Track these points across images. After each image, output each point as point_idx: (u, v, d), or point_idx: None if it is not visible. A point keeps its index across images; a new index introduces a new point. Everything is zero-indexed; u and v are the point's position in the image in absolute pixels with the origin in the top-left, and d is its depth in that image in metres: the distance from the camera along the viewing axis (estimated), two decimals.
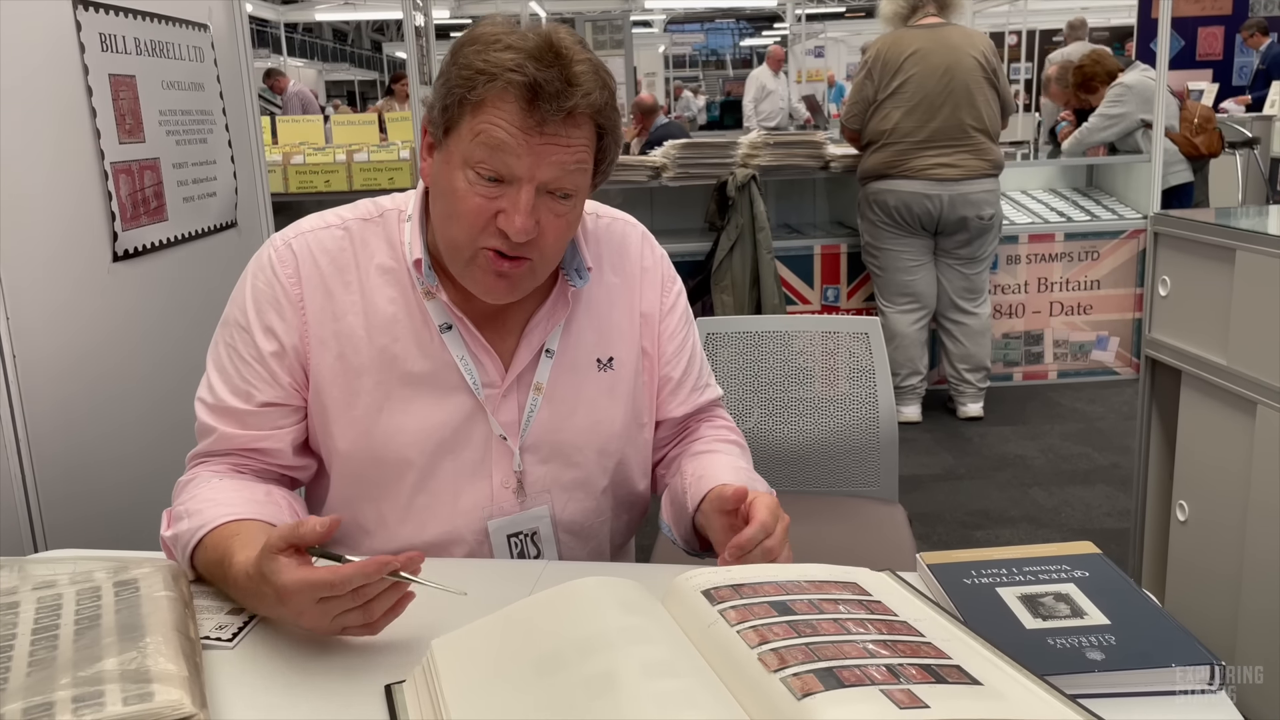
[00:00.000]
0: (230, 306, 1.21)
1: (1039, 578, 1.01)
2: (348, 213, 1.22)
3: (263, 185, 2.33)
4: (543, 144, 1.05)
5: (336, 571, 0.90)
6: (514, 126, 1.04)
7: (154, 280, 1.80)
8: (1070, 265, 4.41)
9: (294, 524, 0.93)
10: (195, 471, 1.19)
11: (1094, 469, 3.55)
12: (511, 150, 1.05)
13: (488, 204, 1.07)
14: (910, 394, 4.03)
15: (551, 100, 1.03)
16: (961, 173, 3.76)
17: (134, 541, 1.24)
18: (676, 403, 1.32)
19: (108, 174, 1.65)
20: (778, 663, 0.78)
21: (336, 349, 1.17)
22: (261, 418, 1.18)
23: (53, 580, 1.01)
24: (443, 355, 1.18)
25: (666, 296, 1.30)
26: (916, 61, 3.75)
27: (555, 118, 1.04)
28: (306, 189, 4.56)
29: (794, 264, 4.33)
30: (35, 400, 1.44)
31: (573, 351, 1.23)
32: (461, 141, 1.07)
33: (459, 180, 1.08)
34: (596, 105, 1.07)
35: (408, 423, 1.18)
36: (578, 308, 1.23)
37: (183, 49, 1.95)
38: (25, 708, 0.78)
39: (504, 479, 1.21)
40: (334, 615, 0.91)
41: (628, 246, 1.30)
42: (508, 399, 1.20)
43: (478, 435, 1.20)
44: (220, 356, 1.19)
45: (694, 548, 1.25)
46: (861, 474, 1.95)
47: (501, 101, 1.05)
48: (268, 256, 1.19)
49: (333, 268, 1.18)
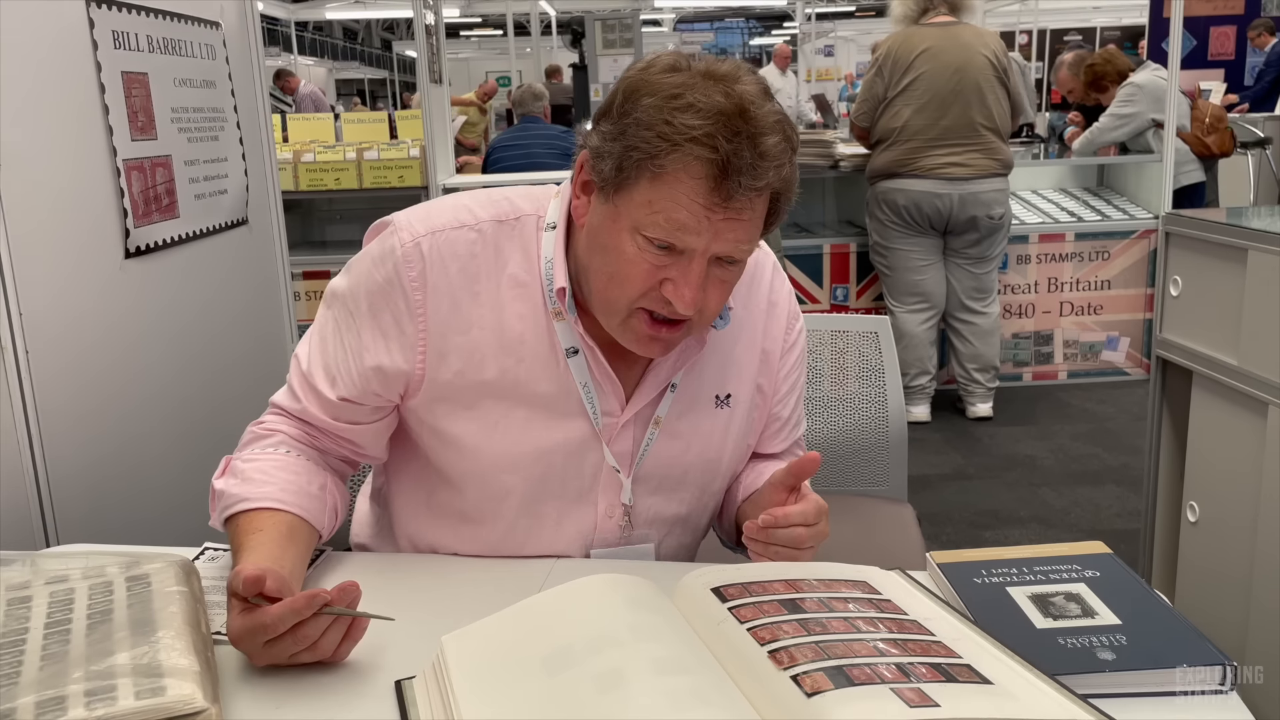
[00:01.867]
0: (345, 280, 1.14)
1: (1049, 577, 1.00)
2: (483, 213, 1.13)
3: (273, 183, 2.33)
4: (724, 220, 0.99)
5: (267, 613, 0.88)
6: (697, 204, 0.98)
7: (165, 277, 1.81)
8: (1081, 265, 4.40)
9: (235, 570, 0.92)
10: (274, 426, 1.16)
11: (1104, 469, 3.54)
12: (691, 229, 0.99)
13: (655, 271, 1.02)
14: (919, 394, 4.02)
15: (739, 177, 0.96)
16: (971, 171, 3.75)
17: (145, 536, 1.25)
18: (778, 441, 1.29)
19: (120, 171, 1.66)
20: (787, 661, 0.78)
21: (458, 365, 1.11)
22: (341, 410, 1.14)
23: (65, 575, 1.02)
24: (566, 380, 1.13)
25: (790, 334, 1.24)
26: (928, 59, 3.74)
27: (743, 196, 0.98)
28: (317, 187, 4.57)
29: (803, 263, 4.33)
30: (47, 396, 1.45)
31: (694, 387, 1.18)
32: (634, 207, 1.00)
33: (627, 244, 1.02)
34: (786, 178, 1.01)
35: (522, 445, 1.14)
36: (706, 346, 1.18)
37: (195, 47, 1.96)
38: (38, 701, 0.78)
39: (608, 509, 1.17)
40: (285, 655, 0.90)
41: (759, 277, 1.22)
42: (624, 430, 1.16)
43: (589, 463, 1.16)
44: (325, 329, 1.15)
45: (732, 539, 1.25)
46: (871, 473, 1.95)
47: (687, 176, 0.97)
48: (394, 250, 1.10)
49: (463, 277, 1.11)
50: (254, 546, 1.02)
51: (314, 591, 0.89)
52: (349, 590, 0.91)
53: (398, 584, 1.12)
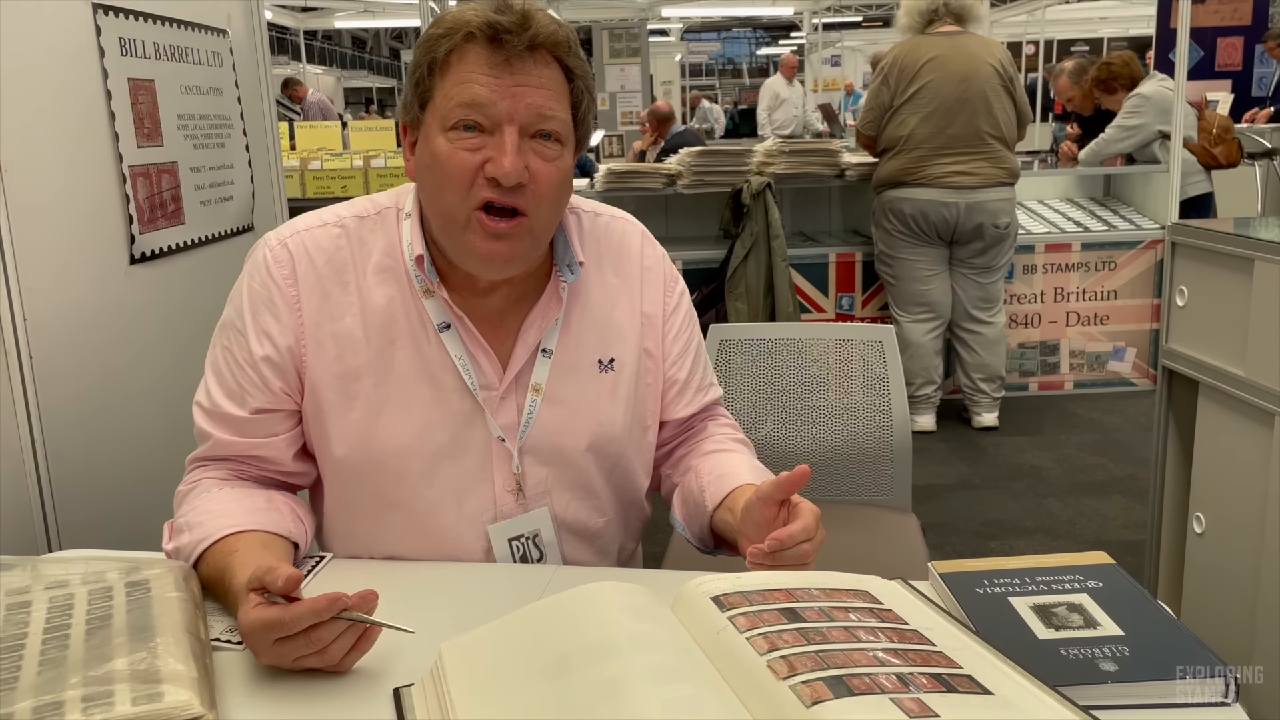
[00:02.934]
0: (228, 309, 1.19)
1: (1052, 588, 1.00)
2: (344, 210, 1.20)
3: (279, 189, 2.34)
4: (514, 85, 1.06)
5: (288, 610, 0.88)
6: (483, 72, 1.06)
7: (170, 283, 1.81)
8: (1087, 275, 4.39)
9: (268, 567, 0.91)
10: (196, 479, 1.18)
11: (1110, 480, 3.53)
12: (485, 98, 1.06)
13: (473, 156, 1.07)
14: (925, 403, 4.02)
15: (512, 34, 1.05)
16: (978, 180, 3.74)
17: (147, 542, 1.25)
18: (683, 403, 1.30)
19: (126, 177, 1.67)
20: (787, 670, 0.77)
21: (334, 351, 1.15)
22: (256, 425, 1.16)
23: (65, 580, 1.02)
24: (440, 356, 1.16)
25: (670, 297, 1.29)
26: (934, 68, 3.74)
27: (519, 50, 1.06)
28: (324, 194, 4.58)
29: (809, 272, 4.32)
30: (51, 400, 1.45)
31: (573, 352, 1.21)
32: (436, 108, 1.09)
33: (441, 145, 1.08)
34: (557, 39, 1.09)
35: (407, 426, 1.16)
36: (576, 308, 1.22)
37: (201, 54, 1.97)
38: (35, 706, 0.78)
39: (505, 482, 1.19)
40: (292, 657, 0.90)
41: (627, 246, 1.28)
42: (506, 401, 1.18)
43: (477, 438, 1.18)
44: (217, 360, 1.18)
45: (709, 545, 1.24)
46: (875, 482, 1.94)
47: (467, 52, 1.07)
48: (263, 256, 1.17)
49: (330, 268, 1.16)
50: (242, 563, 1.01)
51: (336, 594, 0.89)
52: (368, 599, 0.91)
53: (395, 591, 1.11)
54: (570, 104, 1.12)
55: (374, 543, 1.21)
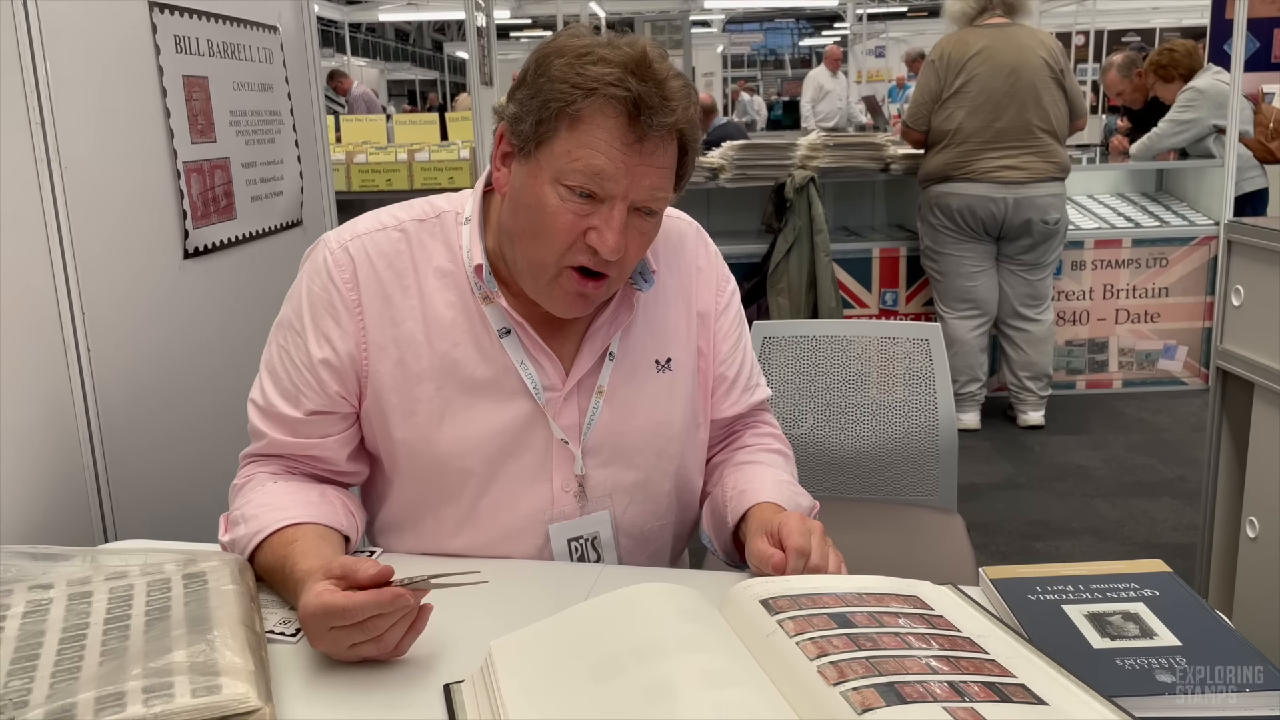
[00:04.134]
0: (285, 308, 1.20)
1: (1107, 596, 0.98)
2: (403, 214, 1.20)
3: (327, 184, 2.37)
4: (639, 164, 1.05)
5: (352, 598, 0.89)
6: (614, 145, 1.04)
7: (222, 277, 1.84)
8: (1138, 272, 4.31)
9: (356, 560, 0.93)
10: (250, 473, 1.20)
11: (1159, 481, 3.47)
12: (609, 171, 1.05)
13: (579, 221, 1.07)
14: (969, 401, 3.97)
15: (650, 115, 1.03)
16: (1027, 175, 3.68)
17: (200, 533, 1.27)
18: (729, 403, 1.31)
19: (180, 173, 1.69)
20: (837, 676, 0.77)
21: (396, 355, 1.16)
22: (310, 426, 1.17)
23: (124, 571, 1.04)
24: (502, 360, 1.17)
25: (721, 295, 1.30)
26: (982, 60, 3.68)
27: (655, 135, 1.05)
28: (369, 188, 4.63)
29: (852, 267, 4.29)
30: (108, 394, 1.48)
31: (632, 354, 1.22)
32: (554, 158, 1.06)
33: (549, 197, 1.07)
34: (690, 120, 1.08)
35: (469, 429, 1.17)
36: (637, 309, 1.23)
37: (253, 50, 1.99)
38: (98, 696, 0.80)
39: (564, 483, 1.20)
40: (347, 644, 0.91)
41: (684, 245, 1.29)
42: (568, 403, 1.19)
43: (538, 440, 1.19)
44: (273, 359, 1.19)
45: (734, 559, 1.24)
46: (920, 482, 1.93)
47: (602, 117, 1.04)
48: (323, 259, 1.17)
49: (390, 272, 1.17)
50: (302, 553, 1.03)
51: (398, 591, 0.90)
52: (423, 586, 0.92)
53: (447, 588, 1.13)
54: (677, 174, 1.12)
55: (433, 540, 1.22)
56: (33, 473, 1.36)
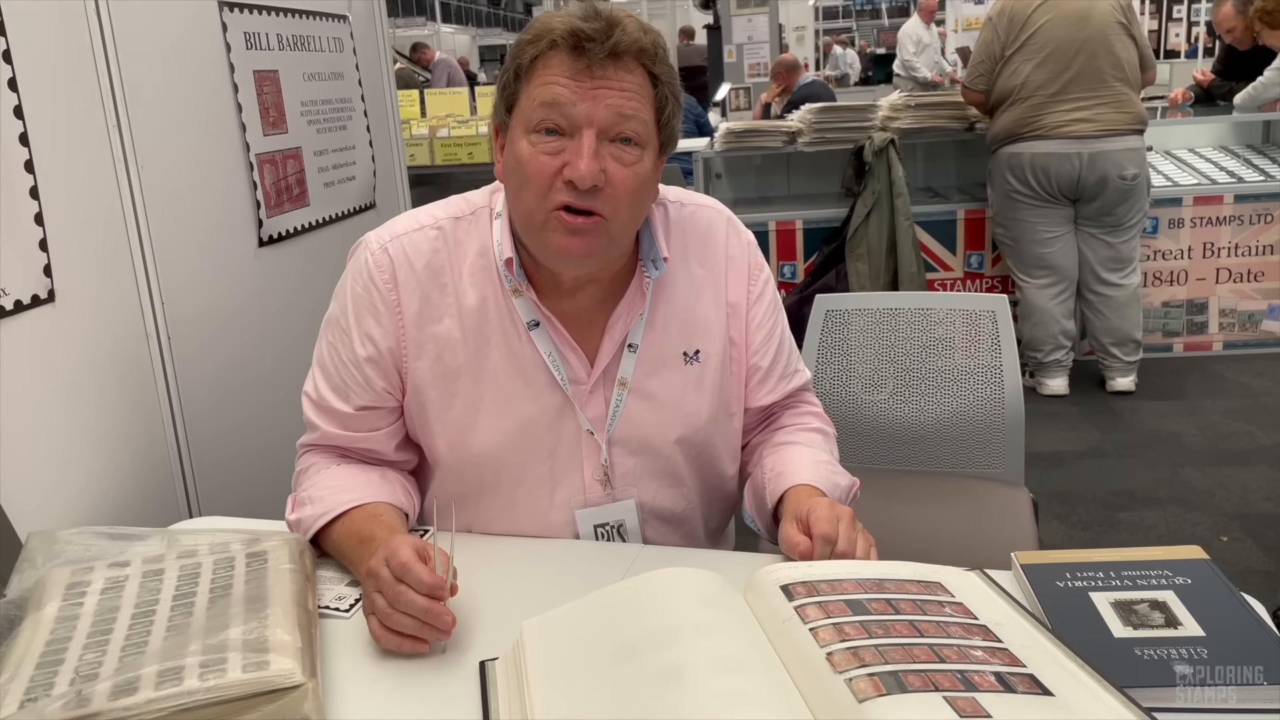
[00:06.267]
0: (333, 305, 1.25)
1: (1136, 583, 0.98)
2: (440, 212, 1.24)
3: (400, 165, 2.43)
4: (594, 87, 1.08)
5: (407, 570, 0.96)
6: (564, 76, 1.09)
7: (296, 263, 1.92)
8: (1240, 229, 4.12)
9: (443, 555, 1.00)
10: (310, 459, 1.27)
11: (1256, 449, 3.33)
12: (565, 100, 1.08)
13: (552, 160, 1.09)
14: (1055, 367, 3.86)
15: (595, 42, 1.07)
16: (1100, 128, 3.51)
17: (273, 509, 1.35)
18: (764, 391, 1.32)
19: (253, 165, 1.77)
20: (845, 663, 0.79)
21: (434, 352, 1.21)
22: (360, 420, 1.24)
23: (194, 550, 1.12)
24: (531, 353, 1.20)
25: (754, 285, 1.29)
26: (1047, 10, 3.52)
27: (601, 57, 1.08)
28: (451, 161, 4.70)
29: (936, 229, 4.20)
30: (188, 377, 1.57)
31: (658, 346, 1.24)
32: (521, 112, 1.12)
33: (524, 149, 1.10)
34: (641, 45, 1.10)
35: (503, 421, 1.21)
36: (661, 301, 1.24)
37: (323, 41, 2.06)
38: (160, 670, 0.87)
39: (594, 472, 1.24)
40: (369, 609, 0.99)
41: (713, 235, 1.29)
42: (594, 395, 1.23)
43: (568, 430, 1.23)
44: (323, 355, 1.25)
45: (775, 537, 1.26)
46: (986, 455, 1.91)
47: (551, 58, 1.10)
48: (364, 261, 1.21)
49: (428, 271, 1.21)
50: (389, 530, 1.11)
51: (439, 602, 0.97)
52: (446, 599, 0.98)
53: (489, 566, 1.18)
54: (654, 108, 1.13)
55: (473, 524, 1.28)
56: (123, 456, 1.46)
